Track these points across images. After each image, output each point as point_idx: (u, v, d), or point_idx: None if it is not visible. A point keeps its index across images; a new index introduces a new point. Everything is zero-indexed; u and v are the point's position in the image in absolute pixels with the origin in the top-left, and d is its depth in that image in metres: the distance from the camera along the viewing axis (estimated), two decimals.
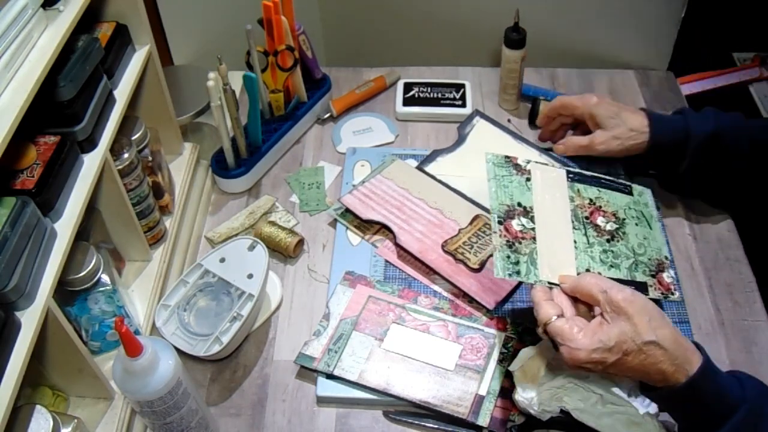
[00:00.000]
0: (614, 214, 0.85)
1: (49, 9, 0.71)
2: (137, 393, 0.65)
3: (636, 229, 0.86)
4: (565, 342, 0.69)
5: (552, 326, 0.71)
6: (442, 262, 0.93)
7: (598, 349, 0.68)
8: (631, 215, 0.86)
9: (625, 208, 0.87)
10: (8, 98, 0.62)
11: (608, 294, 0.70)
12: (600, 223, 0.83)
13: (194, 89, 1.08)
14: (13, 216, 0.63)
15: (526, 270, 0.77)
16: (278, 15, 1.02)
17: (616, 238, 0.84)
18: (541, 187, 0.84)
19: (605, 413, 0.76)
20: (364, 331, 0.87)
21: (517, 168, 0.84)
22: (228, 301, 0.89)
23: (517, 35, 1.10)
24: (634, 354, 0.67)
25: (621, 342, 0.67)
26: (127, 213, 0.84)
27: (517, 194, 0.82)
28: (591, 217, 0.84)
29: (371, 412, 0.82)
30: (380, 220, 0.97)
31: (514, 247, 0.78)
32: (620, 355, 0.67)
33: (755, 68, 1.43)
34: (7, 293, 0.61)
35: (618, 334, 0.68)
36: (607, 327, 0.69)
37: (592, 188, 0.87)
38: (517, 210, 0.81)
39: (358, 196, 1.01)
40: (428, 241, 0.95)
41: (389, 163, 1.06)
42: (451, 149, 1.09)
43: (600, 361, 0.68)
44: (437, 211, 0.98)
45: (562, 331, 0.70)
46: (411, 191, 1.01)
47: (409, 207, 0.99)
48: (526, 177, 0.84)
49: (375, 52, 1.38)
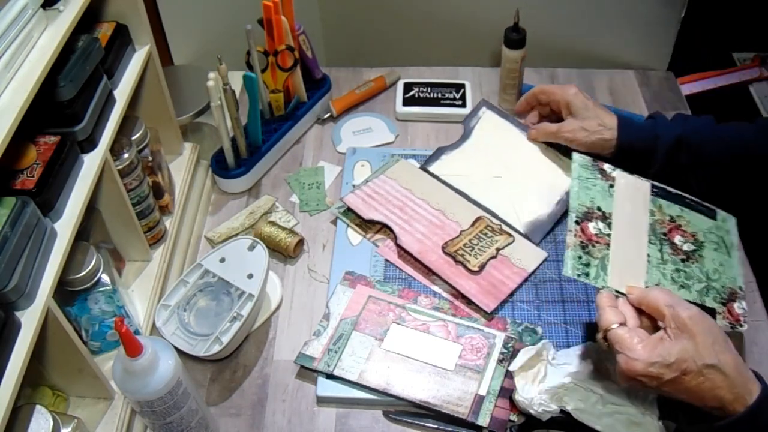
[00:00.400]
0: (693, 235, 0.83)
1: (49, 9, 0.71)
2: (137, 393, 0.65)
3: (714, 254, 0.83)
4: (623, 350, 0.67)
5: (613, 333, 0.69)
6: (442, 264, 0.93)
7: (656, 363, 0.65)
8: (711, 239, 0.84)
9: (706, 232, 0.84)
10: (8, 98, 0.62)
11: (675, 309, 0.68)
12: (677, 242, 0.82)
13: (194, 89, 1.08)
14: (13, 216, 0.63)
15: (596, 274, 0.76)
16: (278, 15, 1.02)
17: (692, 260, 0.82)
18: (624, 195, 0.83)
19: (605, 413, 0.76)
20: (364, 331, 0.87)
21: (602, 173, 0.84)
22: (228, 301, 0.89)
23: (517, 35, 1.10)
24: (693, 375, 0.65)
25: (681, 360, 0.65)
26: (127, 213, 0.84)
27: (599, 198, 0.81)
28: (669, 234, 0.82)
29: (371, 412, 0.82)
30: (381, 220, 0.97)
31: (586, 249, 0.77)
32: (678, 373, 0.65)
33: (755, 68, 1.43)
34: (7, 293, 0.61)
35: (679, 351, 0.65)
36: (669, 343, 0.67)
37: (675, 206, 0.86)
38: (595, 213, 0.80)
39: (360, 195, 1.01)
40: (429, 242, 0.95)
41: (393, 163, 1.06)
42: (455, 145, 1.08)
43: (656, 376, 0.66)
44: (439, 212, 0.98)
45: (623, 340, 0.68)
46: (414, 191, 1.01)
47: (411, 207, 0.99)
48: (610, 183, 0.83)
49: (375, 52, 1.38)
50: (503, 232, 0.95)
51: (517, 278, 0.91)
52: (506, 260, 0.92)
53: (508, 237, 0.95)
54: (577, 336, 0.87)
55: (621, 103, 1.21)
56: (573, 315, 0.90)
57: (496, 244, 0.94)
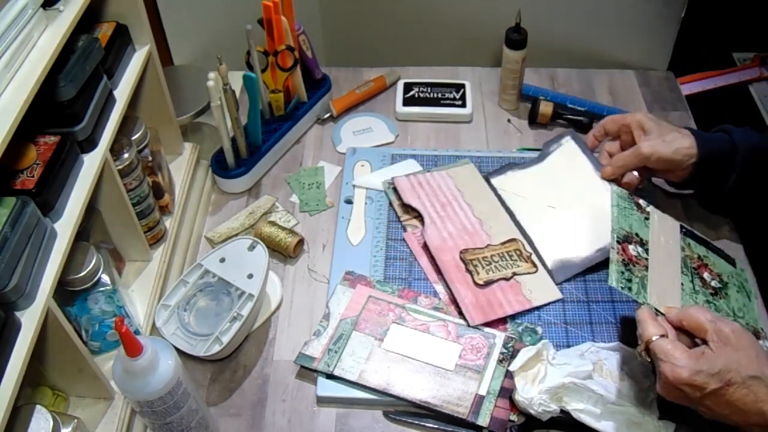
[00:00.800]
0: (719, 275, 0.86)
1: (49, 9, 0.71)
2: (137, 393, 0.65)
3: (737, 295, 0.86)
4: (668, 359, 0.67)
5: (656, 344, 0.69)
6: (452, 266, 0.92)
7: (701, 372, 0.65)
8: (733, 282, 0.86)
9: (729, 275, 0.87)
10: (8, 98, 0.62)
11: (717, 324, 0.68)
12: (706, 278, 0.84)
13: (194, 89, 1.08)
14: (13, 216, 0.63)
15: (637, 290, 0.77)
16: (278, 15, 1.02)
17: (719, 296, 0.83)
18: (658, 228, 0.86)
19: (605, 413, 0.76)
20: (364, 331, 0.87)
21: (638, 206, 0.86)
22: (228, 301, 0.89)
23: (518, 36, 1.10)
24: (737, 386, 0.65)
25: (725, 370, 0.65)
26: (127, 213, 0.84)
27: (636, 226, 0.84)
28: (698, 269, 0.84)
29: (371, 412, 0.82)
30: (417, 208, 0.99)
31: (628, 267, 0.79)
32: (722, 384, 0.65)
33: (755, 68, 1.43)
34: (7, 293, 0.61)
35: (724, 362, 0.66)
36: (713, 355, 0.67)
37: (701, 247, 0.88)
38: (634, 238, 0.82)
39: (411, 180, 1.03)
40: (450, 243, 0.95)
41: (461, 164, 1.07)
42: (525, 165, 1.05)
43: (701, 385, 0.65)
44: (478, 220, 0.98)
45: (667, 349, 0.68)
46: (464, 195, 1.02)
47: (453, 207, 1.00)
48: (645, 216, 0.85)
49: (375, 52, 1.38)
50: (529, 261, 0.93)
51: (517, 306, 0.89)
52: (517, 287, 0.91)
53: (532, 266, 0.93)
54: (577, 336, 0.87)
55: (621, 103, 1.21)
56: (573, 315, 0.90)
57: (516, 268, 0.92)
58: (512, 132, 1.16)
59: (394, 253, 0.97)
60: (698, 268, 0.84)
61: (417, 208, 1.00)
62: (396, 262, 0.96)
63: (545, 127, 1.17)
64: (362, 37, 1.39)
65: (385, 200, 1.04)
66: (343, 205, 1.04)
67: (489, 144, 1.15)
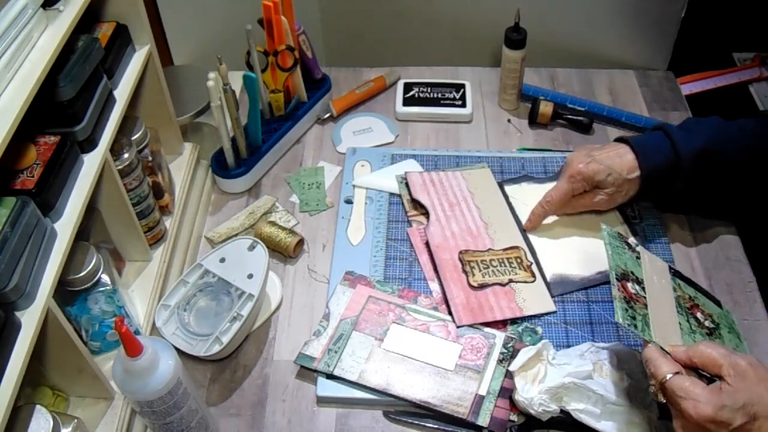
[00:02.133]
0: (710, 315, 0.85)
1: (49, 9, 0.71)
2: (137, 393, 0.65)
3: (729, 335, 0.85)
4: (689, 397, 0.64)
5: (672, 381, 0.66)
6: (449, 265, 0.93)
7: (725, 407, 0.63)
8: (724, 323, 0.86)
9: (718, 315, 0.87)
10: (8, 98, 0.62)
11: (731, 358, 0.66)
12: (700, 318, 0.83)
13: (194, 89, 1.08)
14: (13, 216, 0.63)
15: (642, 327, 0.75)
16: (278, 15, 1.02)
17: (714, 335, 0.82)
18: (650, 267, 0.85)
19: (605, 413, 0.76)
20: (364, 331, 0.87)
21: (628, 246, 0.85)
22: (228, 301, 0.89)
23: (517, 35, 1.10)
24: (763, 420, 0.63)
25: (750, 404, 0.63)
26: (127, 213, 0.84)
27: (630, 265, 0.83)
28: (692, 310, 0.84)
29: (371, 412, 0.82)
30: (425, 204, 1.00)
31: (630, 304, 0.77)
32: (748, 418, 0.63)
33: (755, 68, 1.43)
34: (7, 293, 0.61)
35: (747, 396, 0.63)
36: (732, 390, 0.64)
37: (690, 288, 0.87)
38: (631, 276, 0.81)
39: (424, 177, 1.04)
40: (452, 243, 0.95)
41: (478, 167, 1.07)
42: (542, 180, 1.05)
43: (727, 421, 0.63)
44: (484, 224, 0.98)
45: (685, 386, 0.65)
46: (475, 197, 1.02)
47: (461, 208, 1.00)
48: (636, 255, 0.85)
49: (375, 52, 1.38)
50: (528, 270, 0.93)
51: (508, 313, 0.88)
52: (511, 293, 0.90)
53: (530, 276, 0.92)
54: (577, 336, 0.87)
55: (621, 103, 1.21)
56: (573, 315, 0.90)
57: (514, 275, 0.92)
58: (512, 132, 1.16)
59: (394, 253, 0.97)
60: (691, 308, 0.84)
61: (424, 204, 1.00)
62: (396, 262, 0.96)
63: (545, 127, 1.17)
64: (362, 37, 1.39)
65: (385, 200, 1.04)
66: (343, 205, 1.04)
67: (489, 144, 1.15)
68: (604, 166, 0.92)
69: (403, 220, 1.01)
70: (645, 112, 1.19)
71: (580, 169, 0.93)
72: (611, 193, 0.93)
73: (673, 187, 0.91)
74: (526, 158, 1.09)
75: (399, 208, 1.03)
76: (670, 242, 0.97)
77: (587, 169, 0.92)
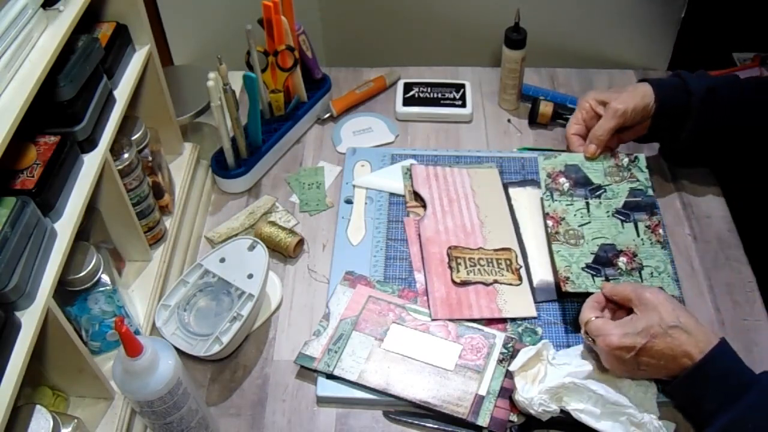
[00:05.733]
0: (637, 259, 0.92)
1: (49, 9, 0.71)
2: (137, 393, 0.65)
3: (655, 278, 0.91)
4: (600, 333, 0.77)
5: (590, 323, 0.79)
6: (436, 258, 0.93)
7: (628, 334, 0.75)
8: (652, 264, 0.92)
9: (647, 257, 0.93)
10: (8, 98, 0.62)
11: (638, 291, 0.79)
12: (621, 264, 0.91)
13: (194, 89, 1.08)
14: (13, 216, 0.63)
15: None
16: (278, 15, 1.02)
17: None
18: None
19: (605, 413, 0.76)
20: (364, 331, 0.87)
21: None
22: (228, 301, 0.89)
23: (517, 35, 1.10)
24: (661, 337, 0.74)
25: (648, 327, 0.74)
26: (127, 213, 0.84)
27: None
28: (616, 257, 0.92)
29: (371, 412, 0.82)
30: (424, 197, 1.01)
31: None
32: (648, 338, 0.74)
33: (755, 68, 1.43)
34: (7, 293, 0.61)
35: (645, 321, 0.75)
36: (637, 317, 0.77)
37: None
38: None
39: (429, 171, 1.05)
40: (443, 237, 0.95)
41: (485, 166, 1.07)
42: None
43: (630, 345, 0.74)
44: (480, 222, 0.98)
45: (598, 325, 0.78)
46: (476, 195, 1.02)
47: (459, 205, 1.00)
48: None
49: (375, 52, 1.38)
50: (516, 273, 0.92)
51: (486, 312, 0.88)
52: (492, 294, 0.90)
53: (516, 279, 0.92)
54: (577, 336, 0.87)
55: None
56: (573, 315, 0.89)
57: (500, 277, 0.92)
58: (512, 132, 1.16)
59: (394, 253, 0.97)
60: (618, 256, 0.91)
61: (424, 197, 1.01)
62: (396, 262, 0.96)
63: (545, 127, 1.17)
64: (362, 37, 1.39)
65: (385, 200, 1.04)
66: (343, 205, 1.04)
67: (489, 144, 1.15)
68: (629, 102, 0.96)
69: (403, 220, 1.01)
70: None
71: (586, 95, 1.00)
72: (623, 93, 0.96)
73: (684, 127, 0.95)
74: (526, 158, 1.09)
75: (399, 208, 1.03)
76: (670, 242, 0.97)
77: (593, 92, 1.00)
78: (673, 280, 0.89)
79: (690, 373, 0.73)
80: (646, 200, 0.96)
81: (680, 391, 0.76)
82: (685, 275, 0.94)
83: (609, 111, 0.96)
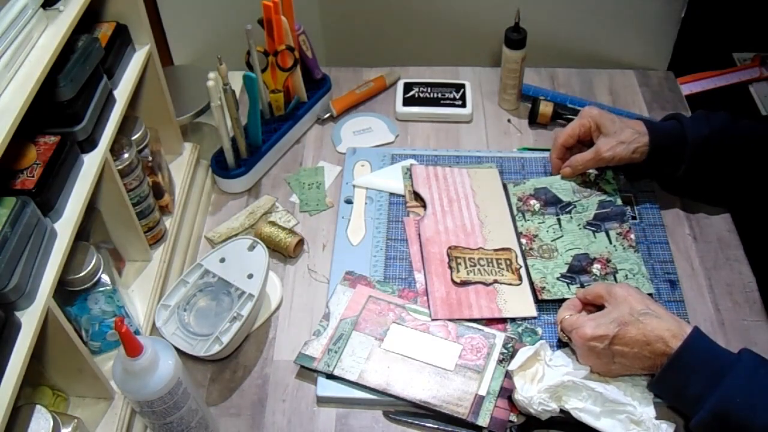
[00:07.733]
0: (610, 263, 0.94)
1: (49, 9, 0.71)
2: (137, 393, 0.65)
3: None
4: (573, 327, 0.79)
5: (565, 320, 0.81)
6: (436, 258, 0.93)
7: (600, 325, 0.77)
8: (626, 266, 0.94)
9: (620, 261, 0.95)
10: (8, 98, 0.62)
11: (609, 288, 0.81)
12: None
13: (194, 89, 1.08)
14: (13, 216, 0.63)
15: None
16: (278, 15, 1.02)
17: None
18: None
19: (604, 412, 0.76)
20: (364, 331, 0.87)
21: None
22: (228, 301, 0.89)
23: (517, 35, 1.10)
24: (633, 324, 0.75)
25: (619, 316, 0.77)
26: (127, 213, 0.84)
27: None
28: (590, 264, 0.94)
29: (371, 412, 0.82)
30: (424, 197, 1.01)
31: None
32: (620, 326, 0.76)
33: (755, 68, 1.43)
34: (7, 293, 0.61)
35: (616, 312, 0.77)
36: (608, 310, 0.79)
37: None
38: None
39: (429, 171, 1.05)
40: (443, 237, 0.95)
41: (485, 166, 1.07)
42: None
43: (603, 334, 0.76)
44: (480, 223, 0.98)
45: (572, 321, 0.80)
46: (476, 196, 1.02)
47: (459, 205, 1.00)
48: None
49: (375, 52, 1.38)
50: (516, 273, 0.92)
51: (486, 312, 0.88)
52: (492, 294, 0.90)
53: (516, 279, 0.92)
54: None
55: (621, 103, 1.21)
56: None
57: (500, 277, 0.92)
58: (512, 132, 1.17)
59: (394, 253, 0.97)
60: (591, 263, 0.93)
61: (424, 197, 1.01)
62: (396, 262, 0.96)
63: (545, 127, 1.17)
64: (362, 37, 1.39)
65: (385, 200, 1.04)
66: (343, 205, 1.04)
67: (489, 144, 1.15)
68: (612, 116, 0.97)
69: (403, 220, 1.01)
70: (645, 112, 1.19)
71: (590, 111, 0.98)
72: (616, 141, 0.95)
73: (678, 168, 0.95)
74: (526, 158, 1.09)
75: (399, 208, 1.03)
76: (670, 242, 0.97)
77: (597, 112, 0.97)
78: (647, 279, 0.91)
79: (670, 363, 0.74)
80: (616, 209, 0.98)
81: (664, 383, 0.76)
82: (685, 275, 0.94)
83: (596, 152, 0.96)
